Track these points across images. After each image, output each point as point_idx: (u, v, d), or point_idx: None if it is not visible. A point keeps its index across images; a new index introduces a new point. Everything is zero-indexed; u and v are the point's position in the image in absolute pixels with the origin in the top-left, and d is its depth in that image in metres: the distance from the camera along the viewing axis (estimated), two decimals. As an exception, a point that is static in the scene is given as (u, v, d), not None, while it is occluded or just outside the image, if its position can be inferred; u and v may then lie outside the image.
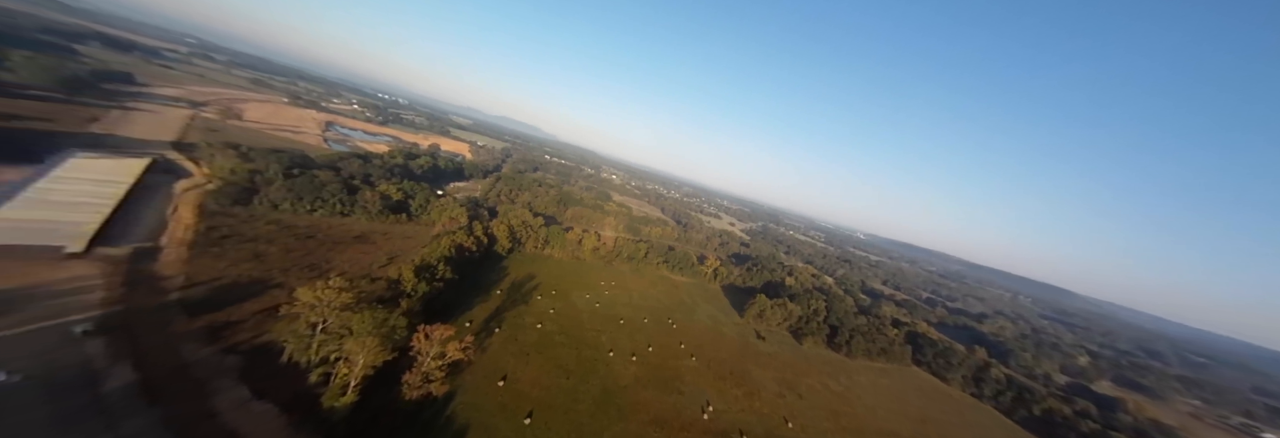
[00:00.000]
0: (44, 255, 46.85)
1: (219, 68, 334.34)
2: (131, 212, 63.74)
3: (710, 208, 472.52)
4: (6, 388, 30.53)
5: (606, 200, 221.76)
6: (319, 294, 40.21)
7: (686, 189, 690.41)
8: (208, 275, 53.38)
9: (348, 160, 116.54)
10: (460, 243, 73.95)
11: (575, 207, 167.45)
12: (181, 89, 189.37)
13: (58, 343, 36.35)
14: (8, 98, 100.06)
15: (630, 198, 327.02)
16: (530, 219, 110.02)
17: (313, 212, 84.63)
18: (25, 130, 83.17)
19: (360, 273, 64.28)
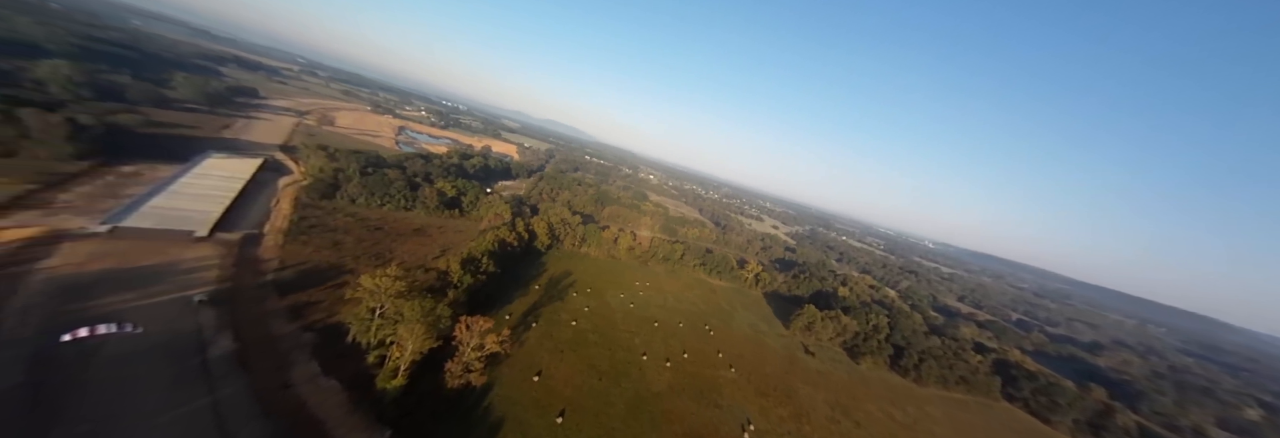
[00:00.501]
0: (179, 238, 56.63)
1: (320, 82, 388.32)
2: (245, 203, 75.24)
3: (751, 210, 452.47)
4: (140, 346, 36.96)
5: (643, 200, 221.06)
6: (378, 282, 43.77)
7: (725, 190, 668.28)
8: (296, 260, 61.10)
9: (412, 160, 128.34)
10: (503, 238, 77.54)
11: (612, 206, 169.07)
12: (291, 101, 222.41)
13: (181, 311, 43.49)
14: (169, 110, 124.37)
15: (667, 198, 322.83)
16: (569, 217, 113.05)
17: (382, 206, 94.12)
18: (178, 136, 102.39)
19: (415, 263, 69.88)
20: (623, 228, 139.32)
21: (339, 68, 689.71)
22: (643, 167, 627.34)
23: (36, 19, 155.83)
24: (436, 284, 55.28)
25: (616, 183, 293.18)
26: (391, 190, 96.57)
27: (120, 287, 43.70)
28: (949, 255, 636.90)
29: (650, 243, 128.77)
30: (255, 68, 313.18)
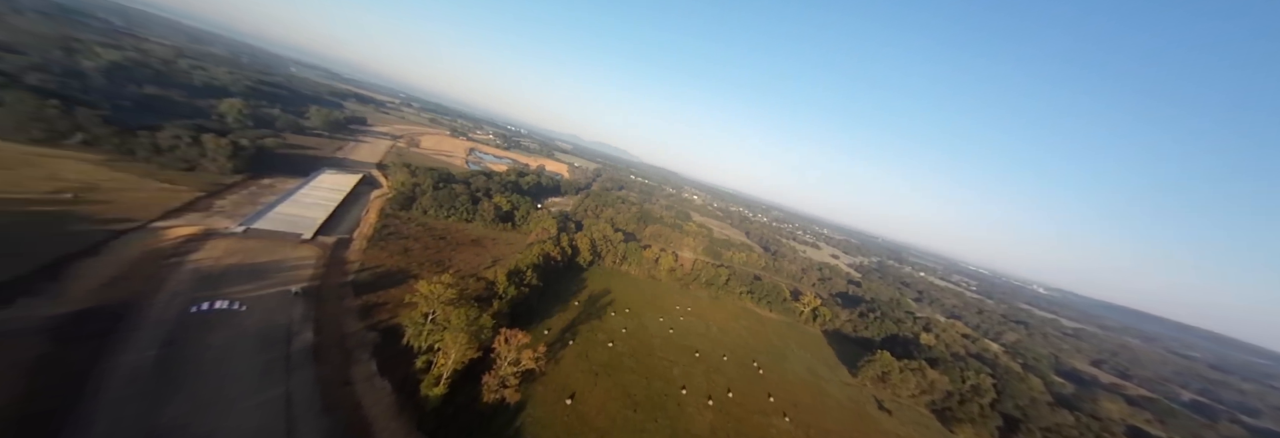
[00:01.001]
0: (290, 240, 66.56)
1: (413, 112, 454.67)
2: (343, 212, 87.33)
3: (806, 235, 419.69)
4: (246, 333, 42.71)
5: (686, 220, 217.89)
6: (432, 288, 46.81)
7: (775, 213, 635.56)
8: (373, 263, 68.33)
9: (476, 177, 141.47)
10: (548, 252, 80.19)
11: (654, 225, 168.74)
12: (390, 127, 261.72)
13: (280, 302, 50.04)
14: (302, 135, 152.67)
15: (711, 219, 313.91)
16: (611, 234, 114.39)
17: (448, 217, 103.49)
18: (304, 155, 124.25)
19: (469, 272, 74.35)
20: (664, 248, 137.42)
21: (427, 100, 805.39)
22: (686, 187, 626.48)
23: (229, 69, 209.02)
24: (484, 294, 57.70)
25: (659, 202, 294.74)
26: (456, 203, 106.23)
27: (242, 279, 51.80)
28: (1070, 305, 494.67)
29: (693, 265, 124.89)
30: (367, 101, 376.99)
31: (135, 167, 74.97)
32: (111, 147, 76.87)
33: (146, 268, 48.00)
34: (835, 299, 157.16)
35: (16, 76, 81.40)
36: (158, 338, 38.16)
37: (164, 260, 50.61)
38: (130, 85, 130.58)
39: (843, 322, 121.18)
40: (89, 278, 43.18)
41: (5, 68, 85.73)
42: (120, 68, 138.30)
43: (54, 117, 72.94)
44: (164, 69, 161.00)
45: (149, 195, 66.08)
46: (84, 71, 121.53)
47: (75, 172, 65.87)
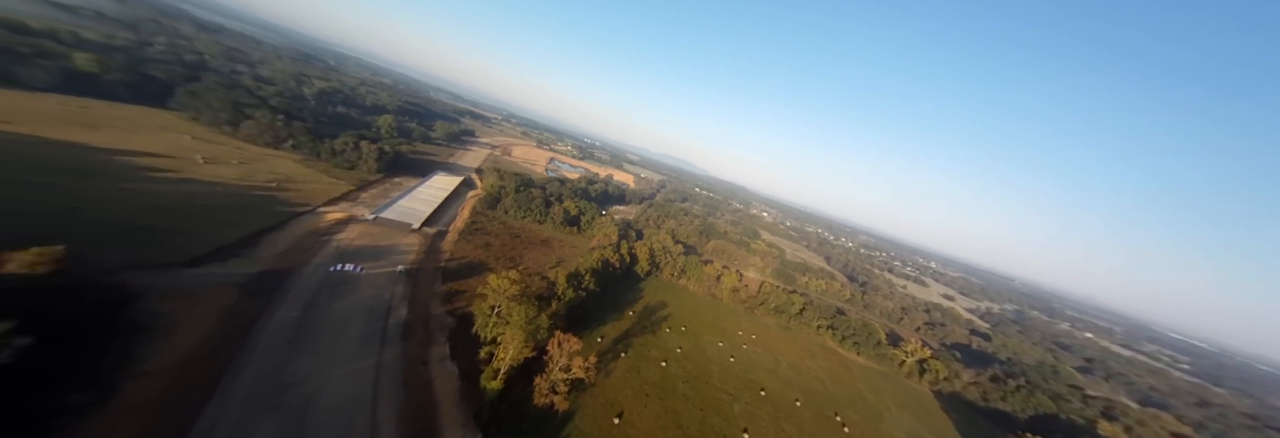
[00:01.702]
0: (404, 228, 79.40)
1: (510, 126, 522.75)
2: (445, 207, 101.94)
3: (906, 268, 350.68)
4: (358, 306, 51.03)
5: (753, 238, 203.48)
6: (500, 282, 50.33)
7: (863, 239, 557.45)
8: (460, 254, 77.40)
9: (552, 183, 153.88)
10: (607, 258, 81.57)
11: (717, 240, 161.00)
12: (491, 138, 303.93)
13: (389, 278, 59.20)
14: (428, 144, 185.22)
15: (783, 239, 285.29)
16: (671, 245, 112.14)
17: (524, 218, 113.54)
18: (426, 160, 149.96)
19: (534, 270, 79.36)
20: (727, 265, 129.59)
21: (522, 116, 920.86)
22: (756, 202, 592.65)
23: (389, 93, 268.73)
24: (545, 293, 60.28)
25: (724, 217, 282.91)
26: (532, 206, 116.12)
27: (366, 257, 62.82)
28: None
29: (760, 288, 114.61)
30: (478, 117, 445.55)
31: (319, 164, 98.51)
32: (308, 150, 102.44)
33: (308, 242, 61.37)
34: (951, 352, 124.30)
35: (264, 100, 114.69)
36: (302, 300, 47.76)
37: (319, 237, 64.25)
38: (328, 106, 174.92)
39: (965, 384, 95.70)
40: (273, 247, 56.67)
41: (260, 94, 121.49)
42: (324, 93, 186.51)
43: (279, 128, 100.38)
44: (350, 94, 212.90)
45: (322, 187, 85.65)
46: (304, 96, 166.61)
47: (284, 167, 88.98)
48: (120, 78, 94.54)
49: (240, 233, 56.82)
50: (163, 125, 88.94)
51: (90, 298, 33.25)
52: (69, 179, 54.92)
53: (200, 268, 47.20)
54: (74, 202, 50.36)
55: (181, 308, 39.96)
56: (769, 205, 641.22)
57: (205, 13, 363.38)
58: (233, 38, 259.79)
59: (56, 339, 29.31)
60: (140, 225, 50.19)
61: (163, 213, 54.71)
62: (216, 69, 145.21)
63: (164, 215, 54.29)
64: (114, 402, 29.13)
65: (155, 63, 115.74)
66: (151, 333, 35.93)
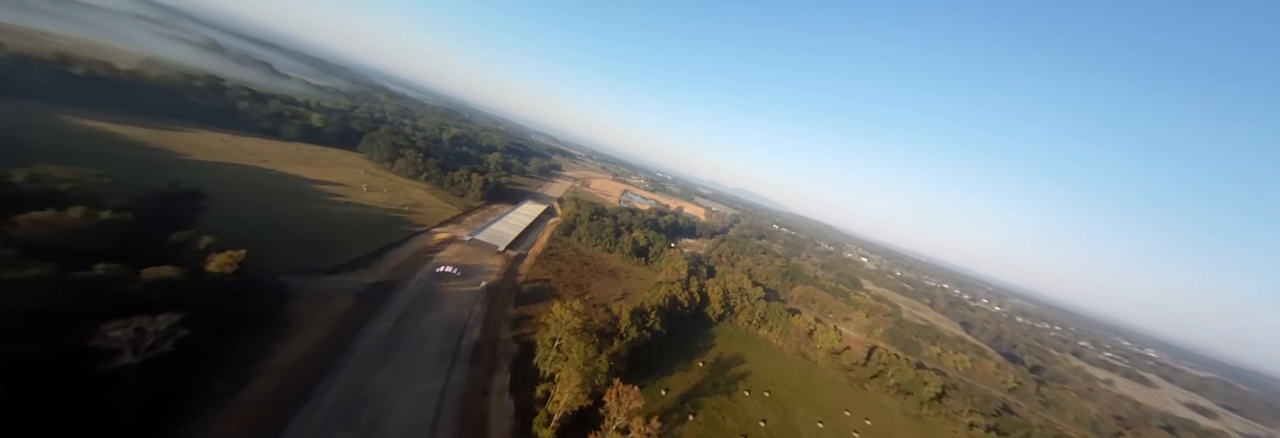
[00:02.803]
0: (491, 250, 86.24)
1: (592, 161, 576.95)
2: (528, 232, 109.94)
3: (1103, 352, 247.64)
4: (441, 320, 53.62)
5: (853, 287, 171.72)
6: (562, 313, 48.00)
7: (1017, 302, 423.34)
8: (534, 278, 79.74)
9: (623, 213, 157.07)
10: (675, 295, 74.84)
11: (805, 286, 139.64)
12: (575, 172, 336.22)
13: (471, 295, 62.46)
14: (522, 176, 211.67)
15: (893, 293, 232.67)
16: (748, 287, 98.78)
17: (594, 246, 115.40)
18: (519, 190, 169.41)
19: (599, 300, 76.75)
20: (821, 318, 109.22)
21: (602, 152, 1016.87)
22: (851, 245, 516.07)
23: (500, 137, 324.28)
24: (606, 328, 56.09)
25: (810, 258, 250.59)
26: (603, 234, 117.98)
27: (459, 275, 68.52)
28: None
29: (872, 355, 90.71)
30: (565, 155, 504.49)
31: (440, 192, 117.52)
32: (436, 181, 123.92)
33: (417, 258, 69.69)
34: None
35: (414, 142, 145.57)
36: (399, 311, 52.10)
37: (426, 254, 72.73)
38: (457, 147, 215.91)
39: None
40: (391, 261, 65.36)
41: (412, 138, 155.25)
42: (456, 138, 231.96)
43: (419, 163, 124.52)
44: (473, 137, 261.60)
45: (438, 211, 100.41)
46: (442, 140, 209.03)
47: (417, 194, 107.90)
48: (334, 130, 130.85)
49: (373, 247, 67.25)
50: (350, 163, 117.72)
51: (258, 295, 40.29)
52: (283, 201, 73.36)
53: (337, 275, 55.72)
54: (280, 217, 66.17)
55: (313, 310, 46.29)
56: (868, 249, 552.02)
57: (395, 86, 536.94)
58: (408, 102, 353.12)
59: (226, 329, 35.26)
60: (313, 238, 62.79)
61: (329, 228, 68.27)
62: (391, 122, 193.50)
63: (330, 230, 67.59)
64: (241, 394, 32.70)
65: (355, 119, 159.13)
66: (288, 331, 41.58)
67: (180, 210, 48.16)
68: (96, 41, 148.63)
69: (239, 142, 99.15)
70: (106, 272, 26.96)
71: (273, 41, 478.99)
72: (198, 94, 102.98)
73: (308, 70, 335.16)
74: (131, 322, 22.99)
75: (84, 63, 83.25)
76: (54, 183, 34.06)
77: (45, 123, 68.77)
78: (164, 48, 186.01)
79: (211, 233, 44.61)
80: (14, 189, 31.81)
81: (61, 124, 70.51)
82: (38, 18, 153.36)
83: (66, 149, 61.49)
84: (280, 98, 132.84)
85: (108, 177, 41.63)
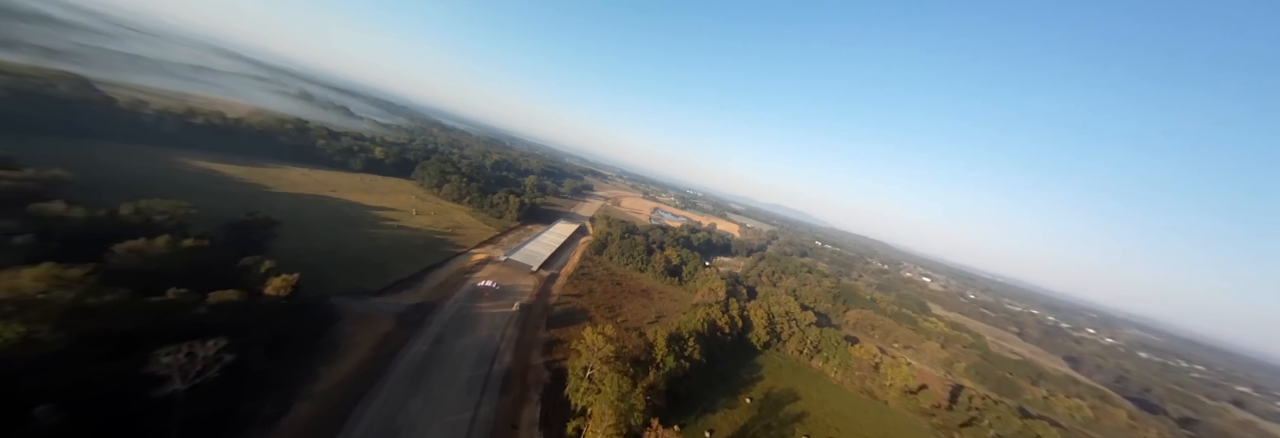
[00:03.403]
0: (525, 270, 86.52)
1: (622, 181, 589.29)
2: (561, 252, 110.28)
3: (1269, 396, 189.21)
4: (474, 344, 52.59)
5: (920, 311, 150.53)
6: (594, 339, 44.84)
7: (1134, 333, 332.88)
8: (566, 299, 77.88)
9: (654, 230, 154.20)
10: (713, 319, 68.73)
11: (860, 309, 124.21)
12: (605, 191, 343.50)
13: (504, 317, 61.47)
14: (556, 197, 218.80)
15: (971, 319, 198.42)
16: (795, 310, 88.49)
17: (626, 265, 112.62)
18: (552, 210, 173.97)
19: (632, 324, 72.58)
20: (887, 349, 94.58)
21: (632, 172, 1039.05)
22: (907, 263, 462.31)
23: (537, 161, 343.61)
24: (640, 356, 51.62)
25: (862, 278, 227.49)
26: (635, 253, 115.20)
27: (493, 294, 68.50)
28: None
29: (960, 397, 74.21)
30: (597, 175, 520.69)
31: (481, 214, 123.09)
32: (477, 204, 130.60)
33: (455, 279, 71.03)
34: None
35: (459, 168, 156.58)
36: (435, 333, 51.90)
37: (464, 274, 74.09)
38: (498, 171, 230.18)
39: None
40: (431, 282, 67.01)
41: (458, 165, 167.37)
42: (497, 163, 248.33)
43: (463, 188, 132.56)
44: (512, 162, 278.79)
45: (478, 232, 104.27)
46: (484, 166, 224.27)
47: (459, 217, 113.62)
48: (393, 161, 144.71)
49: (417, 268, 69.74)
50: (404, 190, 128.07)
51: (308, 317, 41.77)
52: (345, 226, 79.65)
53: (382, 296, 57.53)
54: (341, 241, 71.31)
55: (357, 331, 47.22)
56: (928, 267, 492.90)
57: (448, 120, 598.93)
58: (457, 134, 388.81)
59: (277, 351, 36.30)
60: (366, 260, 66.44)
61: (381, 251, 72.26)
62: (441, 152, 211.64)
63: (381, 252, 71.46)
64: (282, 420, 32.56)
65: (411, 150, 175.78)
66: (334, 353, 42.28)
67: (256, 236, 52.91)
68: (219, 98, 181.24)
69: (315, 174, 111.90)
70: (176, 296, 28.63)
71: (352, 89, 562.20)
72: (286, 135, 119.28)
73: (377, 112, 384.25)
74: (182, 348, 23.66)
75: (204, 114, 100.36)
76: (153, 214, 38.49)
77: (168, 165, 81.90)
78: (267, 99, 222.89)
79: (280, 256, 48.23)
80: (120, 221, 36.26)
81: (180, 165, 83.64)
82: (181, 82, 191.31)
83: (180, 185, 72.01)
84: (351, 135, 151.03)
85: (196, 208, 46.77)
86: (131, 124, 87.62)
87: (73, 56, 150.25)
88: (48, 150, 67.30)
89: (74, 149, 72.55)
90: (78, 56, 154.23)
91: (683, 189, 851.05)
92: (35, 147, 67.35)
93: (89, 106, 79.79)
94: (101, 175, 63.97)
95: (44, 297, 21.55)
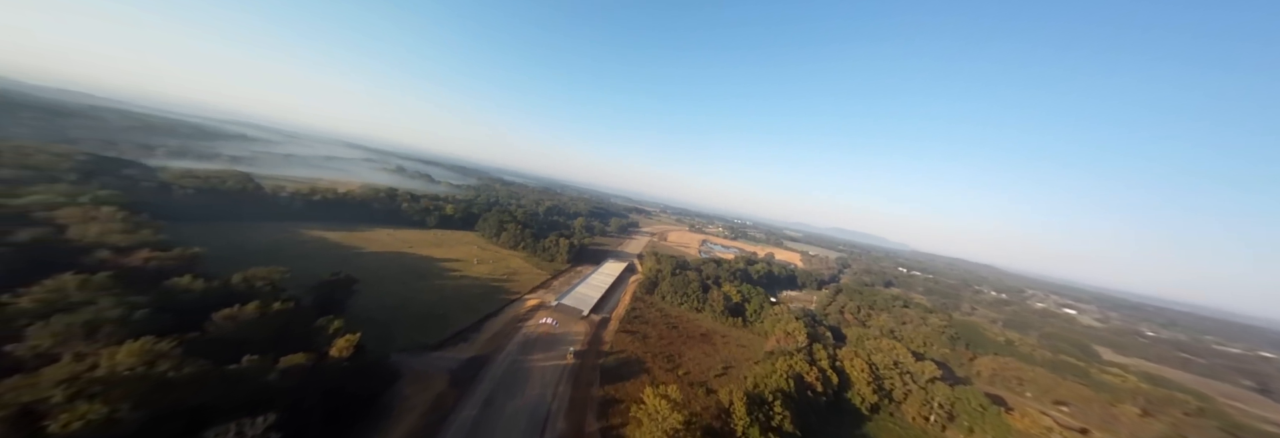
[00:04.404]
0: (575, 314, 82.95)
1: (666, 215, 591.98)
2: (611, 293, 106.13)
3: None
4: (524, 406, 47.87)
5: (1088, 359, 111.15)
6: (656, 403, 37.51)
7: None
8: (619, 348, 71.25)
9: (707, 264, 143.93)
10: (799, 372, 55.92)
11: (993, 353, 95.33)
12: (651, 227, 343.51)
13: (556, 371, 56.46)
14: (605, 236, 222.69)
15: (1169, 368, 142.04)
16: (907, 359, 68.67)
17: (680, 305, 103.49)
18: (602, 250, 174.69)
19: (697, 378, 62.33)
20: (1052, 412, 68.90)
21: (677, 206, 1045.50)
22: (1032, 290, 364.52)
23: (586, 203, 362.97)
24: (714, 423, 41.91)
25: (976, 311, 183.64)
26: (688, 291, 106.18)
27: (543, 345, 64.94)
28: None
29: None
30: (641, 212, 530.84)
31: (533, 259, 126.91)
32: (530, 249, 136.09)
33: (508, 329, 69.56)
34: None
35: (515, 217, 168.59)
36: (485, 394, 48.52)
37: (517, 323, 72.61)
38: (550, 217, 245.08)
39: None
40: (485, 333, 66.16)
41: (514, 213, 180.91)
42: (549, 209, 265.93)
43: (518, 235, 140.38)
44: (563, 207, 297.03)
45: (531, 277, 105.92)
46: (538, 212, 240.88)
47: (514, 263, 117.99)
48: (460, 215, 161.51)
49: (474, 318, 70.19)
50: (468, 241, 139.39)
51: (369, 378, 41.52)
52: (416, 279, 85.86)
53: (440, 351, 57.15)
54: (411, 294, 75.95)
55: (413, 392, 45.73)
56: (1064, 294, 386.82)
57: (509, 176, 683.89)
58: (516, 187, 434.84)
59: (333, 418, 35.45)
60: (429, 312, 68.84)
61: (444, 301, 75.06)
62: (501, 204, 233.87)
63: (444, 303, 74.11)
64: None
65: (476, 205, 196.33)
66: (388, 419, 40.57)
67: (339, 295, 57.76)
68: (338, 178, 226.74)
69: (398, 233, 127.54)
70: (250, 363, 29.54)
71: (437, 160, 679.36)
72: (379, 202, 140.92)
73: (453, 175, 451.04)
74: (231, 428, 23.06)
75: (321, 192, 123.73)
76: (255, 281, 43.59)
77: (291, 235, 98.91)
78: (371, 175, 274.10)
79: (355, 313, 51.20)
80: (231, 288, 41.31)
81: (298, 235, 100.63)
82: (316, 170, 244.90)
83: (294, 251, 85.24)
84: (428, 197, 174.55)
85: (291, 271, 52.66)
86: (272, 205, 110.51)
87: (249, 160, 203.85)
88: (203, 232, 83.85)
89: (226, 229, 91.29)
90: (252, 160, 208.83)
91: (730, 219, 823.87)
92: (194, 229, 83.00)
93: (245, 195, 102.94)
94: (238, 249, 78.08)
95: (130, 373, 22.77)
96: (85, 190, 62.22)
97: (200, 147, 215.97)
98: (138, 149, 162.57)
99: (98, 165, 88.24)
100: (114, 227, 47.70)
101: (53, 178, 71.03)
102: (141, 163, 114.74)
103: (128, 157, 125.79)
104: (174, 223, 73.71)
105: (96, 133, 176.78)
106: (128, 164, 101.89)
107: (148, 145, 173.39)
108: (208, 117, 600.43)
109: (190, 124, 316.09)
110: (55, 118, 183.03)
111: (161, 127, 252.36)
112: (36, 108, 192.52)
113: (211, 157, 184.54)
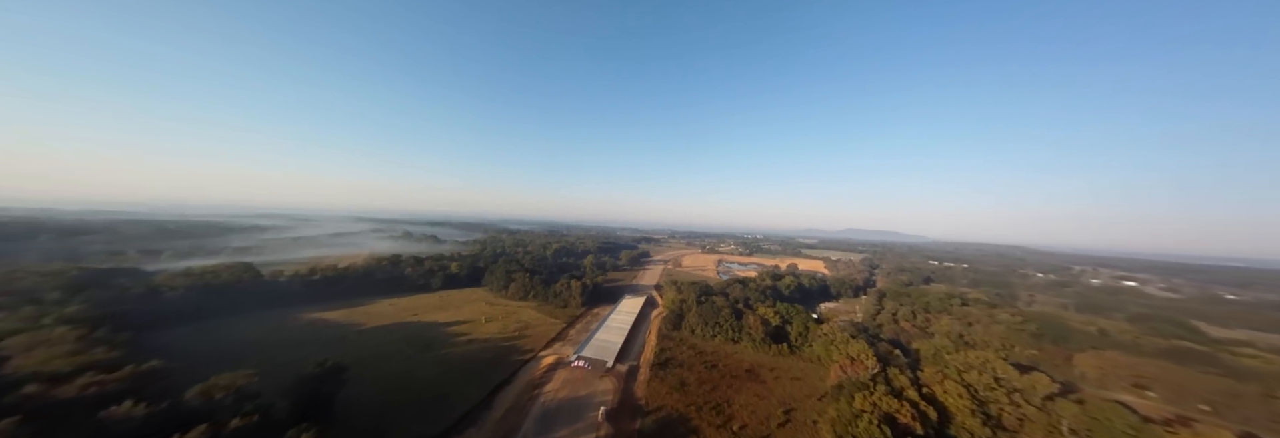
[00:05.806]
0: (600, 367, 72.35)
1: (675, 240, 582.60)
2: (634, 334, 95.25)
3: None
4: None
5: (1203, 342, 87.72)
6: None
7: None
8: (656, 402, 59.99)
9: (732, 286, 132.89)
10: (890, 412, 44.10)
11: (1089, 347, 79.30)
12: (663, 255, 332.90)
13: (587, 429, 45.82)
14: (617, 271, 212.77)
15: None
16: (1011, 374, 53.88)
17: (713, 337, 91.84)
18: (615, 286, 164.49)
19: (757, 433, 50.68)
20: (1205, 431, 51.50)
21: (684, 230, 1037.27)
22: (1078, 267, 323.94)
23: (593, 240, 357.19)
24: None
25: (1036, 299, 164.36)
26: (719, 319, 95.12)
27: (564, 416, 54.51)
28: None
29: None
30: (650, 240, 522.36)
31: (545, 308, 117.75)
32: (541, 298, 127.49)
33: (523, 400, 59.43)
34: None
35: (522, 265, 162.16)
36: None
37: (532, 391, 62.42)
38: (558, 259, 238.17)
39: None
40: (497, 410, 56.14)
41: (521, 261, 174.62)
42: (557, 252, 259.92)
43: (526, 284, 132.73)
44: (570, 247, 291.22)
45: (545, 329, 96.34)
46: (546, 256, 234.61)
47: (525, 315, 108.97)
48: (466, 272, 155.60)
49: (483, 391, 60.55)
50: (475, 298, 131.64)
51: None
52: (418, 351, 77.35)
53: (446, 442, 47.44)
54: (411, 370, 67.19)
55: (408, 512, 35.86)
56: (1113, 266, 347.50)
57: (515, 225, 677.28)
58: (522, 235, 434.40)
59: None
60: (433, 390, 59.69)
61: (448, 374, 65.92)
62: (508, 254, 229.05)
63: (448, 377, 64.92)
64: None
65: (482, 259, 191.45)
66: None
67: (326, 388, 49.82)
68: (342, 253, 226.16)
69: (401, 302, 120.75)
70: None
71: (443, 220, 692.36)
72: (381, 270, 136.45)
73: (458, 233, 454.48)
74: None
75: (321, 270, 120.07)
76: (214, 394, 36.56)
77: (281, 323, 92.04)
78: (376, 244, 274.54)
79: (349, 407, 42.88)
80: (179, 409, 34.20)
81: (292, 321, 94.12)
82: (323, 249, 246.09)
83: (284, 341, 78.22)
84: (433, 257, 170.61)
85: (258, 377, 45.41)
86: (270, 292, 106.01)
87: (257, 249, 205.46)
88: (187, 334, 76.93)
89: (213, 326, 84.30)
90: (259, 249, 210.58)
91: (741, 235, 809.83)
92: (176, 333, 76.33)
93: (241, 286, 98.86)
94: (216, 349, 70.98)
95: None
96: (52, 312, 58.05)
97: (211, 244, 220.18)
98: (142, 255, 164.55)
99: (89, 280, 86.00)
100: (61, 350, 42.25)
101: (34, 300, 67.66)
102: (138, 269, 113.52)
103: (129, 265, 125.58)
104: (153, 330, 68.41)
105: (106, 246, 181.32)
106: (121, 274, 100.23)
107: (154, 250, 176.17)
108: (232, 214, 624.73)
109: (206, 223, 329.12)
110: (69, 237, 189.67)
111: (176, 230, 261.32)
112: (55, 230, 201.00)
113: (217, 252, 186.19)
